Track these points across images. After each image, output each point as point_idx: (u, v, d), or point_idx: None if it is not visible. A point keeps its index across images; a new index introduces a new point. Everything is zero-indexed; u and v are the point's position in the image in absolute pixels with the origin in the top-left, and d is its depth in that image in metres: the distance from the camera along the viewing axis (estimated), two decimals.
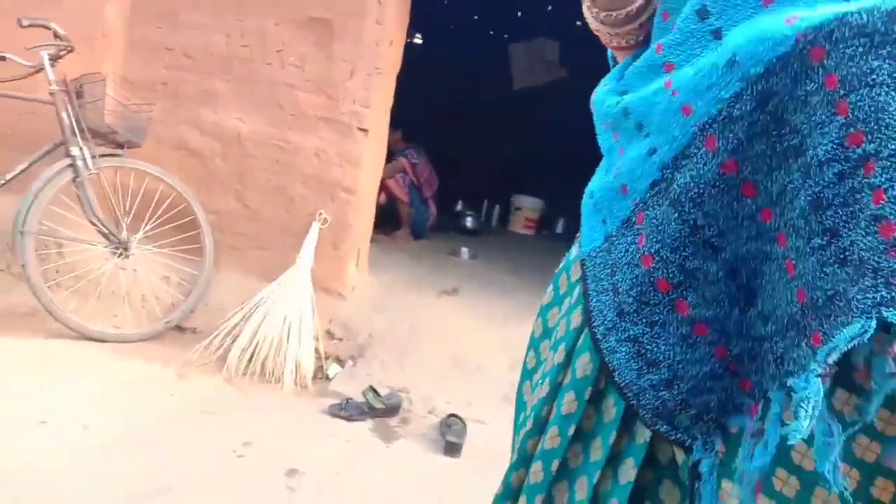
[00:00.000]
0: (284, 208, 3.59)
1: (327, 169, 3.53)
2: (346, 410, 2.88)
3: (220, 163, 3.64)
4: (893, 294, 0.54)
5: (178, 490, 2.09)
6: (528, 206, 7.11)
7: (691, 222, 0.67)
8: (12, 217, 3.06)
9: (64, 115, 3.09)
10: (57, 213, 3.20)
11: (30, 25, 2.99)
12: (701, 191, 0.66)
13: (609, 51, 1.01)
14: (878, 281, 0.54)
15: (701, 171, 0.66)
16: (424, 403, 3.08)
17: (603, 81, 0.92)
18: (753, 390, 0.67)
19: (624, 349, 0.75)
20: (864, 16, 0.57)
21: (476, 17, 7.77)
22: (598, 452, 0.82)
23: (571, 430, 0.84)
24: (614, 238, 0.78)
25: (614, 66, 1.00)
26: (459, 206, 6.93)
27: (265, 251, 3.61)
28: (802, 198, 0.59)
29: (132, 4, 3.68)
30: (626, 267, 0.75)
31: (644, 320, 0.72)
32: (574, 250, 0.94)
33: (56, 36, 3.09)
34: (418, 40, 7.27)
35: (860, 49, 0.57)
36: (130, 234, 3.35)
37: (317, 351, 3.30)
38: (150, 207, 3.46)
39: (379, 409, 2.91)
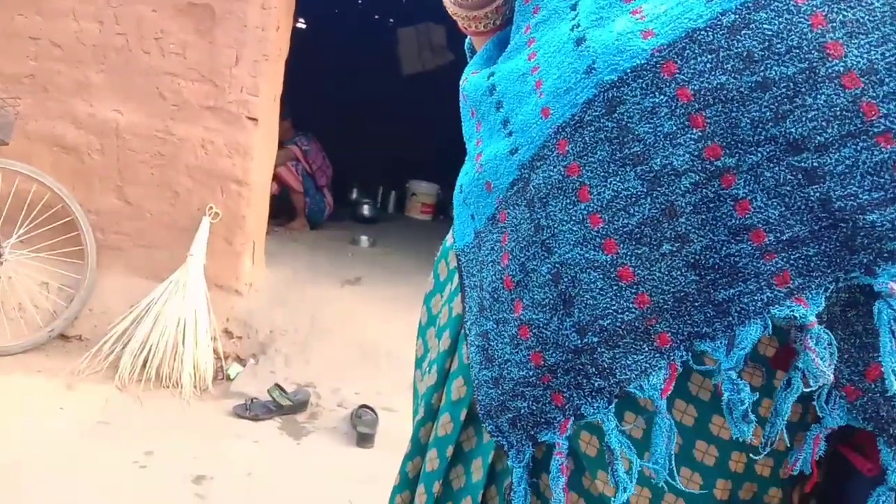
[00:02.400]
0: (170, 203, 3.41)
1: (215, 160, 3.38)
2: (252, 410, 2.79)
3: (98, 158, 3.42)
4: (777, 293, 0.58)
5: None
6: (423, 192, 7.10)
7: (537, 221, 0.68)
8: None
9: None
10: None
11: None
12: (548, 192, 0.67)
13: (467, 40, 1.01)
14: (762, 283, 0.58)
15: (551, 174, 0.67)
16: (333, 396, 3.02)
17: (469, 68, 0.92)
18: (565, 406, 0.68)
19: (478, 342, 0.76)
20: (709, 33, 0.60)
21: (360, 2, 7.66)
22: None
23: (463, 415, 0.84)
24: (482, 234, 0.78)
25: (471, 54, 1.01)
26: (355, 195, 6.83)
27: (152, 250, 3.43)
28: (647, 206, 0.61)
29: None
30: (490, 264, 0.75)
31: (494, 317, 0.73)
32: (450, 238, 0.95)
33: None
34: (301, 25, 7.08)
35: (708, 65, 0.60)
36: (2, 240, 3.13)
37: (215, 351, 3.17)
38: (22, 209, 3.22)
39: (286, 407, 2.83)
